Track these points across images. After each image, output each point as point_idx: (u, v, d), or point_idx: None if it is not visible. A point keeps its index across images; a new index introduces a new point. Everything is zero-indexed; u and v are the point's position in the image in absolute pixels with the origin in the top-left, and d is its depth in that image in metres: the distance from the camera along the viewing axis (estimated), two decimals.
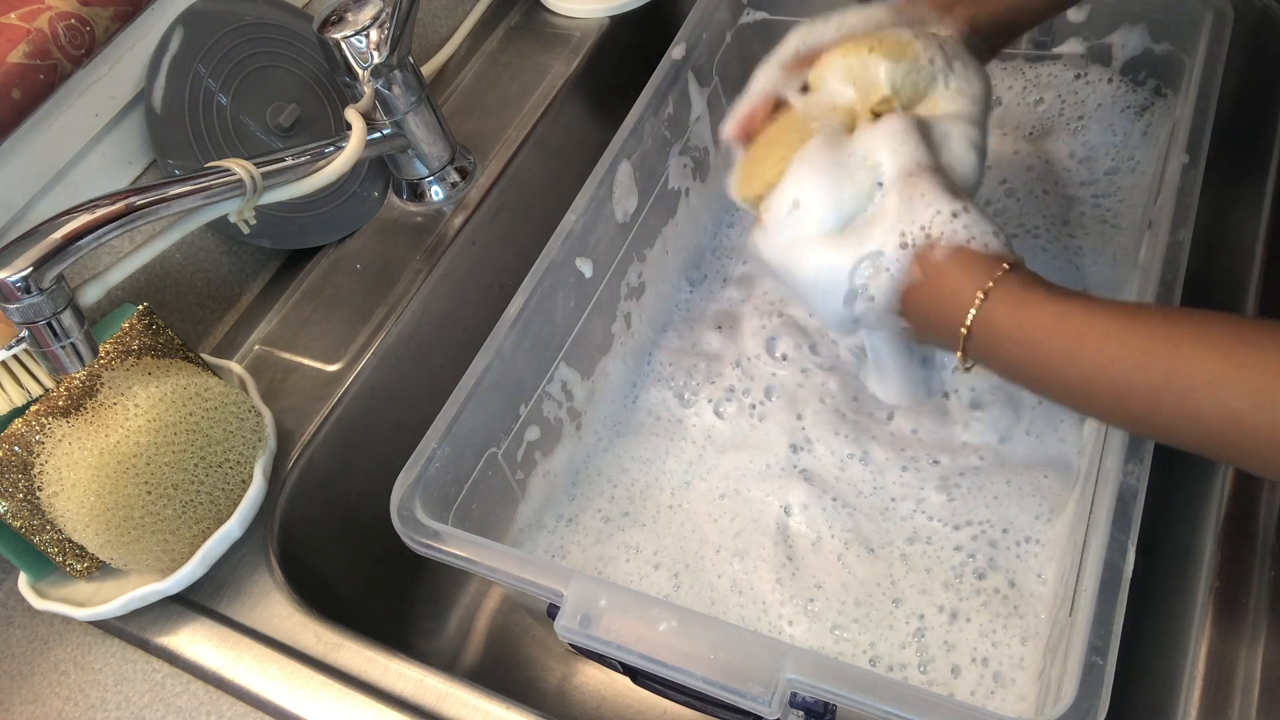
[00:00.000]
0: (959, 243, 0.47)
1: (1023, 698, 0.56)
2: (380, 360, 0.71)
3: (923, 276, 0.47)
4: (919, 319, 0.49)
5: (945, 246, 0.47)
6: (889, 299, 0.48)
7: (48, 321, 0.52)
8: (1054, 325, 0.44)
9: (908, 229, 0.47)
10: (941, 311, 0.47)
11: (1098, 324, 0.43)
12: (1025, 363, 0.45)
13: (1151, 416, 0.42)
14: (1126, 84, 0.74)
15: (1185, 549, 0.55)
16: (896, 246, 0.47)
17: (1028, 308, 0.44)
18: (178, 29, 0.69)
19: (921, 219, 0.47)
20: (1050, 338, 0.44)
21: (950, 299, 0.46)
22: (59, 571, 0.61)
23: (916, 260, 0.47)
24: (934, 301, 0.47)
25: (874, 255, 0.48)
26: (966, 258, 0.46)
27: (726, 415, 0.71)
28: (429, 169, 0.78)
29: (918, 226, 0.47)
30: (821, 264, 0.50)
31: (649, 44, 0.86)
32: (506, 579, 0.50)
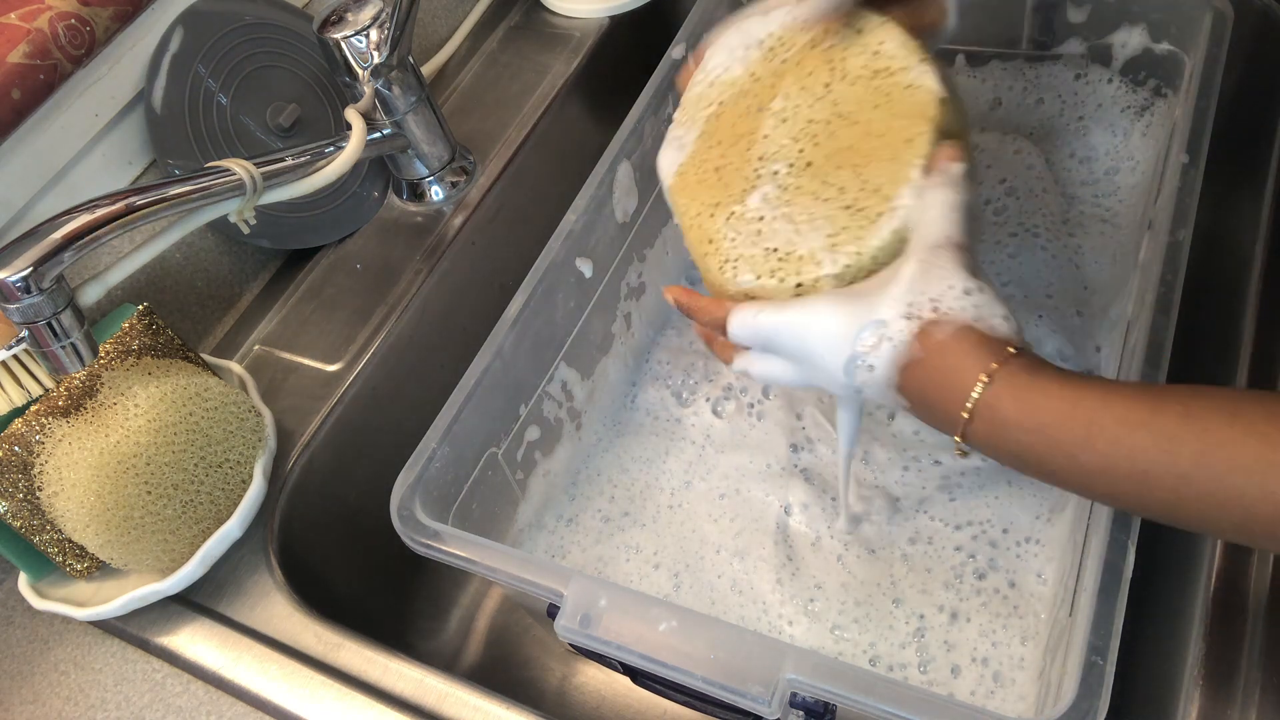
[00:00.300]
0: (965, 321, 0.44)
1: (1023, 698, 0.56)
2: (380, 360, 0.71)
3: (923, 353, 0.44)
4: (918, 398, 0.46)
5: (949, 323, 0.44)
6: (888, 373, 0.45)
7: (48, 321, 0.52)
8: (1068, 411, 0.41)
9: (915, 299, 0.45)
10: (941, 393, 0.44)
11: (1115, 409, 0.40)
12: (1036, 450, 0.43)
13: (1179, 503, 0.40)
14: (1126, 84, 0.74)
15: (1185, 549, 0.55)
16: (900, 316, 0.45)
17: (1036, 393, 0.42)
18: (178, 29, 0.69)
19: (932, 291, 0.45)
20: (1063, 424, 0.41)
21: (951, 380, 0.44)
22: (59, 571, 0.61)
23: (918, 335, 0.44)
24: (934, 381, 0.45)
25: (878, 323, 0.45)
26: (970, 338, 0.44)
27: (725, 414, 0.71)
28: (429, 169, 0.78)
29: (926, 299, 0.45)
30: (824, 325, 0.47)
31: (649, 44, 0.86)
32: (506, 579, 0.50)
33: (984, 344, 0.44)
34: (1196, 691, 0.48)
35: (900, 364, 0.45)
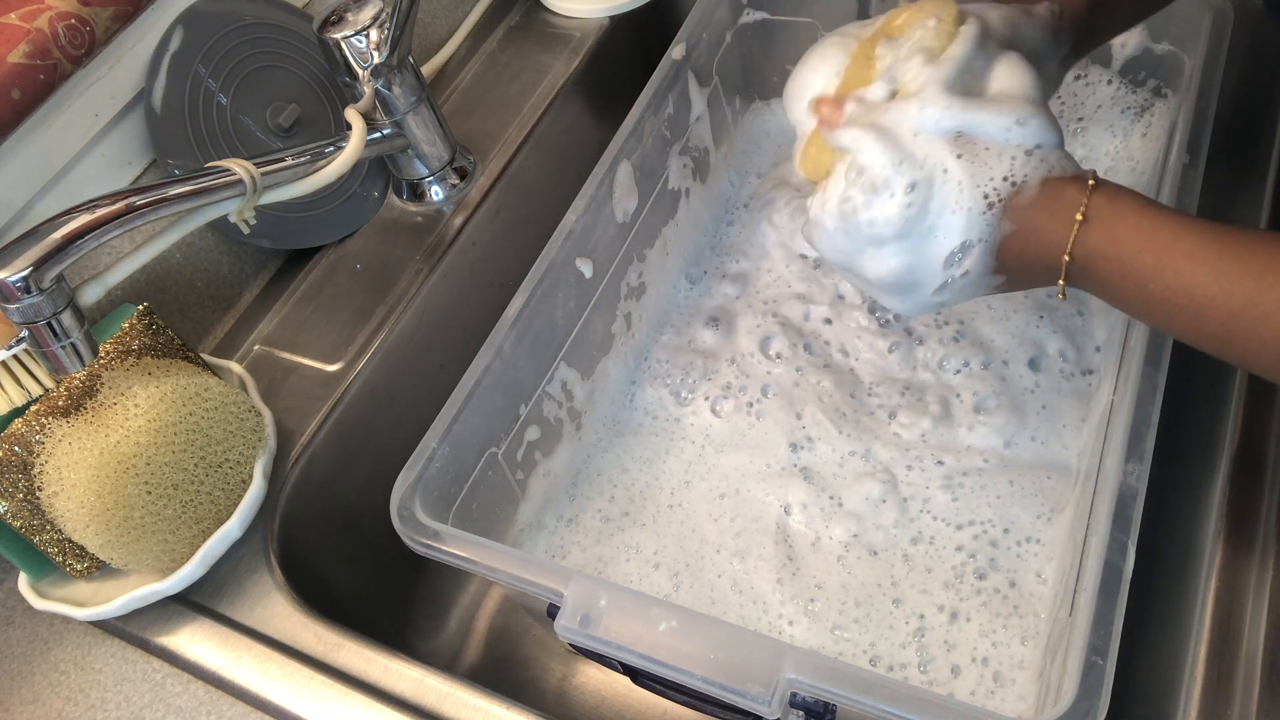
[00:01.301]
0: (1042, 177, 0.46)
1: (1023, 698, 0.56)
2: (380, 360, 0.71)
3: (1015, 225, 0.46)
4: (1018, 267, 0.47)
5: (1031, 185, 0.46)
6: (985, 266, 0.47)
7: (48, 321, 0.52)
8: (1143, 241, 0.44)
9: (987, 186, 0.46)
10: (1042, 250, 0.46)
11: (1185, 242, 0.43)
12: (1115, 278, 0.45)
13: (1228, 339, 0.42)
14: (1126, 85, 0.74)
15: (1185, 549, 0.55)
16: (983, 210, 0.46)
17: (1119, 222, 0.44)
18: (178, 29, 0.69)
19: (997, 170, 0.46)
20: (1139, 253, 0.43)
21: (1049, 234, 0.45)
22: (59, 571, 0.61)
23: (1007, 214, 0.46)
24: (1033, 244, 0.46)
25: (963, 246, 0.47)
26: (1053, 189, 0.45)
27: (724, 414, 0.71)
28: (429, 169, 0.78)
29: (1000, 178, 0.46)
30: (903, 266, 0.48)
31: (649, 44, 0.86)
32: (506, 579, 0.50)
33: (1066, 188, 0.45)
34: (1196, 691, 0.48)
35: (996, 250, 0.47)
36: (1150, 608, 0.55)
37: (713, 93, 0.78)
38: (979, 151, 0.46)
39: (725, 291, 0.78)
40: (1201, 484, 0.56)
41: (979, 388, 0.67)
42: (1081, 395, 0.66)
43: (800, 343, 0.72)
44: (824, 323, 0.73)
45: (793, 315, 0.74)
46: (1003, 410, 0.65)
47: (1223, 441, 0.56)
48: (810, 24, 0.80)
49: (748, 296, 0.77)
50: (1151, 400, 0.49)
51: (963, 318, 0.70)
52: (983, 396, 0.67)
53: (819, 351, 0.72)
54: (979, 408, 0.66)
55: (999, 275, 0.48)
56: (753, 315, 0.75)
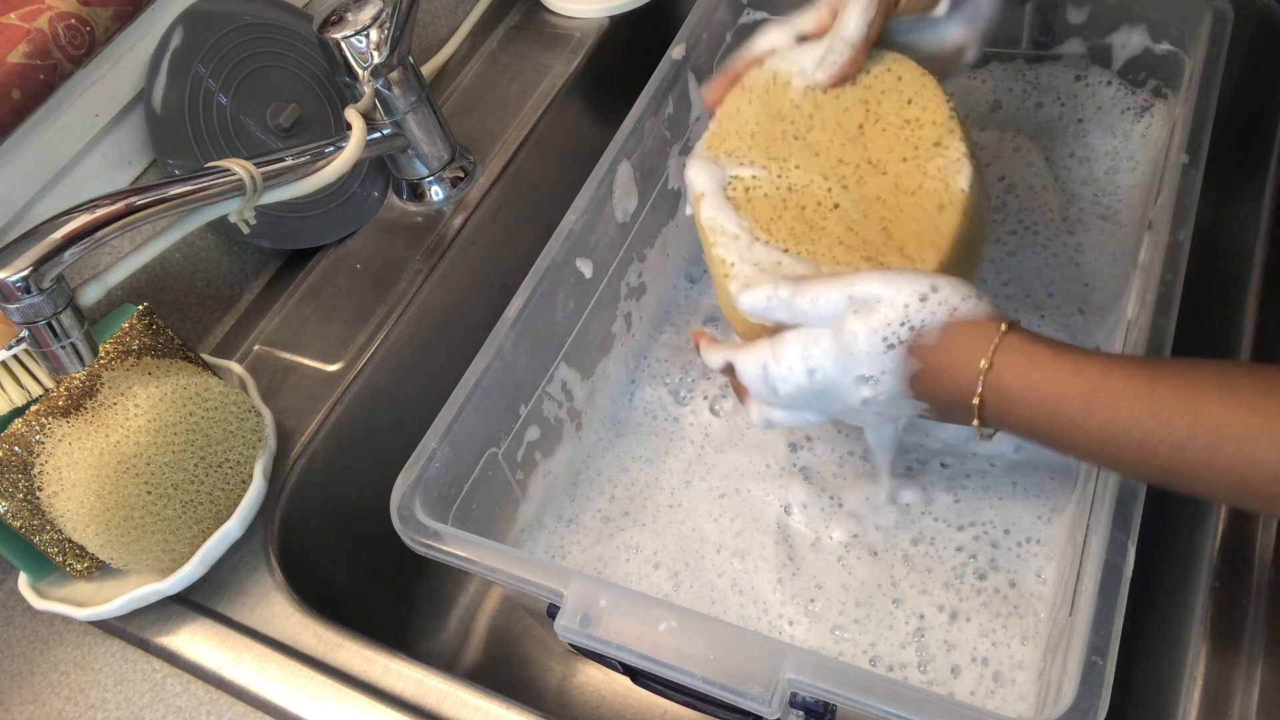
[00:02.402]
0: (944, 319, 0.46)
1: (1023, 698, 0.56)
2: (380, 360, 0.71)
3: (922, 364, 0.46)
4: (934, 401, 0.48)
5: (934, 328, 0.46)
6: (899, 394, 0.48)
7: (48, 321, 0.52)
8: (1067, 383, 0.43)
9: (885, 332, 0.46)
10: (952, 390, 0.46)
11: (1114, 380, 0.42)
12: (1043, 422, 0.44)
13: (1178, 471, 0.41)
14: (1126, 86, 0.74)
15: (1185, 549, 0.55)
16: (882, 352, 0.46)
17: (1036, 367, 0.44)
18: (178, 29, 0.69)
19: (894, 316, 0.46)
20: (1065, 396, 0.43)
21: (957, 376, 0.46)
22: (59, 571, 0.61)
23: (911, 353, 0.46)
24: (942, 383, 0.46)
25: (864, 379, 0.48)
26: (958, 332, 0.46)
27: (723, 413, 0.71)
28: (429, 169, 0.78)
29: (896, 323, 0.46)
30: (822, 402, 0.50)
31: (649, 44, 0.86)
32: (506, 579, 0.50)
33: (973, 331, 0.46)
34: (1196, 691, 0.48)
35: (907, 382, 0.47)
36: (1150, 608, 0.55)
37: None
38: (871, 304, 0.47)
39: None
40: None
41: None
42: None
43: None
44: None
45: None
46: None
47: None
48: None
49: None
50: None
51: None
52: None
53: None
54: None
55: (919, 402, 0.48)
56: None
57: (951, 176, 0.51)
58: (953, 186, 0.51)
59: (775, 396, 0.51)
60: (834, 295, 0.48)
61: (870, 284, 0.47)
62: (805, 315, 0.49)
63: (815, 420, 0.52)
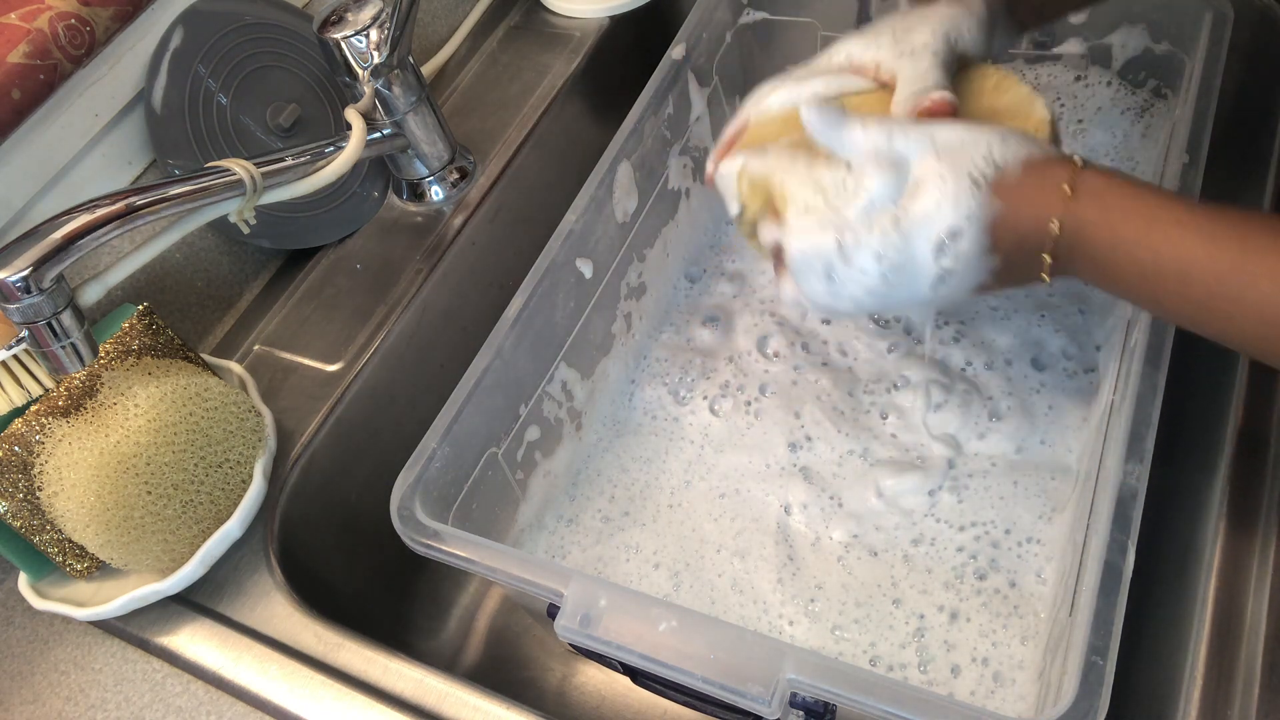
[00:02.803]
0: (1024, 156, 0.46)
1: (1023, 698, 0.56)
2: (380, 360, 0.71)
3: (1004, 203, 0.46)
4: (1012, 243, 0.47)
5: (1015, 164, 0.46)
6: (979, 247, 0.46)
7: (48, 321, 0.52)
8: (1132, 209, 0.44)
9: (971, 169, 0.46)
10: (1032, 221, 0.46)
11: (1174, 210, 0.43)
12: (1105, 249, 0.45)
13: (1210, 304, 0.42)
14: (1126, 86, 0.74)
15: (1185, 549, 0.55)
16: (970, 191, 0.46)
17: (1108, 194, 0.45)
18: (178, 29, 0.69)
19: (978, 153, 0.46)
20: (1127, 221, 0.44)
21: (1038, 207, 0.46)
22: (59, 571, 0.61)
23: (995, 192, 0.46)
24: (1024, 216, 0.46)
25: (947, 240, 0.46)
26: (1038, 168, 0.46)
27: (722, 413, 0.71)
28: (429, 169, 0.78)
29: (980, 159, 0.46)
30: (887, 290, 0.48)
31: (649, 44, 0.86)
32: (506, 579, 0.50)
33: (1051, 165, 0.46)
34: (1196, 691, 0.48)
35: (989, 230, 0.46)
36: (1150, 608, 0.55)
37: (713, 93, 0.78)
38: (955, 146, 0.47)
39: (722, 289, 0.78)
40: (1201, 484, 0.56)
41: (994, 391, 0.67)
42: (1084, 394, 0.65)
43: (798, 341, 0.72)
44: (822, 323, 0.73)
45: (789, 314, 0.74)
46: (1015, 415, 0.65)
47: (1223, 442, 0.56)
48: (810, 24, 0.80)
49: (744, 295, 0.77)
50: (1151, 400, 0.49)
51: (963, 318, 0.70)
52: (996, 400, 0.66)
53: (816, 350, 0.72)
54: (994, 414, 0.66)
55: (994, 255, 0.47)
56: (749, 314, 0.75)
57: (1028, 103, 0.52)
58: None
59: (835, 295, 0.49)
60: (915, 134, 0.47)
61: (950, 130, 0.47)
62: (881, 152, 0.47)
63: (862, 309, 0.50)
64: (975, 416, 0.66)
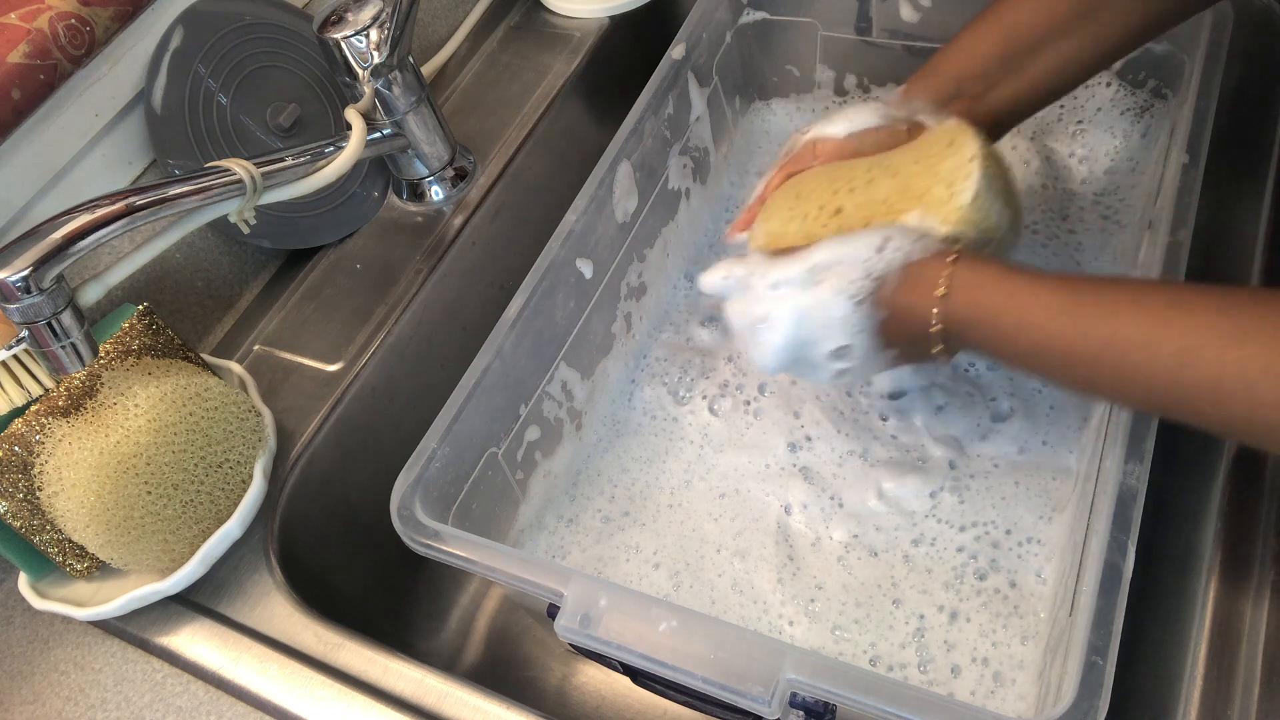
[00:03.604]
0: (901, 262, 0.50)
1: (1023, 697, 0.56)
2: (380, 360, 0.71)
3: (888, 312, 0.50)
4: (903, 342, 0.52)
5: (894, 273, 0.50)
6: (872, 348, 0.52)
7: (48, 321, 0.52)
8: (1005, 302, 0.47)
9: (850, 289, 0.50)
10: (915, 325, 0.50)
11: (1044, 297, 0.46)
12: (988, 340, 0.48)
13: (1095, 380, 0.45)
14: (1125, 87, 0.74)
15: (1185, 549, 0.55)
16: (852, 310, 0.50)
17: (978, 288, 0.48)
18: (178, 29, 0.69)
19: (856, 272, 0.50)
20: (1004, 313, 0.47)
21: (918, 310, 0.49)
22: (59, 571, 0.61)
23: (876, 304, 0.50)
24: (907, 323, 0.50)
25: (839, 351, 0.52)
26: (914, 272, 0.50)
27: (722, 413, 0.71)
28: (429, 169, 0.78)
29: (859, 277, 0.50)
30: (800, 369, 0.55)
31: (649, 44, 0.86)
32: (506, 579, 0.50)
33: (926, 269, 0.49)
34: (1196, 691, 0.48)
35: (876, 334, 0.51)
36: (1150, 608, 0.55)
37: (713, 93, 0.78)
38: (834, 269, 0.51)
39: None
40: (1201, 484, 0.56)
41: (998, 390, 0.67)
42: None
43: None
44: None
45: None
46: (1018, 416, 0.65)
47: (1222, 442, 0.56)
48: (810, 24, 0.80)
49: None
50: None
51: None
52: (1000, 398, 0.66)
53: None
54: (997, 415, 0.66)
55: (889, 350, 0.53)
56: None
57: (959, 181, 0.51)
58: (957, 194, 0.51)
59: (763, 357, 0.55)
60: (792, 271, 0.52)
61: (825, 251, 0.52)
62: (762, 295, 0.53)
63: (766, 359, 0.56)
64: (978, 418, 0.66)
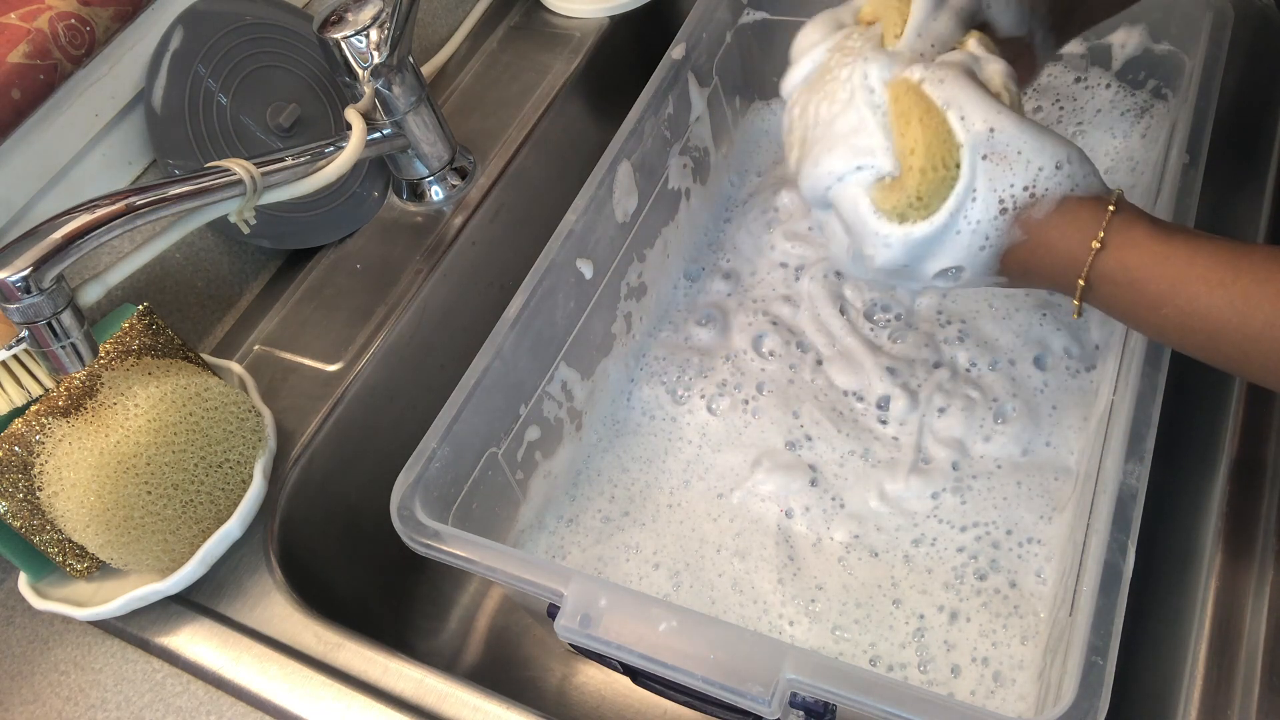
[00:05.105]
0: (1063, 194, 0.45)
1: (1023, 698, 0.56)
2: (380, 360, 0.71)
3: (1026, 236, 0.45)
4: (1020, 274, 0.47)
5: (1049, 200, 0.45)
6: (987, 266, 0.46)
7: (48, 321, 0.52)
8: (1157, 266, 0.43)
9: (1005, 193, 0.45)
10: (1051, 267, 0.45)
11: (1199, 266, 0.42)
12: (1126, 302, 0.45)
13: (1245, 359, 0.42)
14: (1125, 88, 0.74)
15: (1185, 549, 0.55)
16: (995, 215, 0.45)
17: (1132, 248, 0.44)
18: (178, 29, 0.69)
19: (1020, 179, 0.45)
20: (1153, 279, 0.43)
21: (1061, 253, 0.45)
22: (59, 571, 0.61)
23: (1018, 222, 0.45)
24: (1041, 257, 0.46)
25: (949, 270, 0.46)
26: (1071, 208, 0.45)
27: (719, 411, 0.71)
28: (429, 169, 0.78)
29: (1020, 188, 0.45)
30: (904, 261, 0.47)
31: (649, 44, 0.86)
32: (506, 579, 0.50)
33: (1084, 209, 0.45)
34: (1196, 691, 0.48)
35: (1001, 254, 0.46)
36: (1150, 608, 0.55)
37: (713, 93, 0.78)
38: (1007, 156, 0.45)
39: (718, 288, 0.78)
40: (1201, 484, 0.56)
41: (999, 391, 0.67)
42: (1086, 393, 0.65)
43: (793, 340, 0.72)
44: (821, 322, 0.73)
45: (784, 312, 0.74)
46: (1021, 418, 0.65)
47: (1222, 441, 0.56)
48: None
49: (738, 294, 0.77)
50: (1151, 400, 0.49)
51: (965, 317, 0.70)
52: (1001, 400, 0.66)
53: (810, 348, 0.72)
54: (999, 415, 0.66)
55: (1000, 276, 0.48)
56: (744, 313, 0.75)
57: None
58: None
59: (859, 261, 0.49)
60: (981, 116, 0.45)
61: (1011, 133, 0.45)
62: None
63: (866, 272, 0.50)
64: (980, 419, 0.66)
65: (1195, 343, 0.44)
